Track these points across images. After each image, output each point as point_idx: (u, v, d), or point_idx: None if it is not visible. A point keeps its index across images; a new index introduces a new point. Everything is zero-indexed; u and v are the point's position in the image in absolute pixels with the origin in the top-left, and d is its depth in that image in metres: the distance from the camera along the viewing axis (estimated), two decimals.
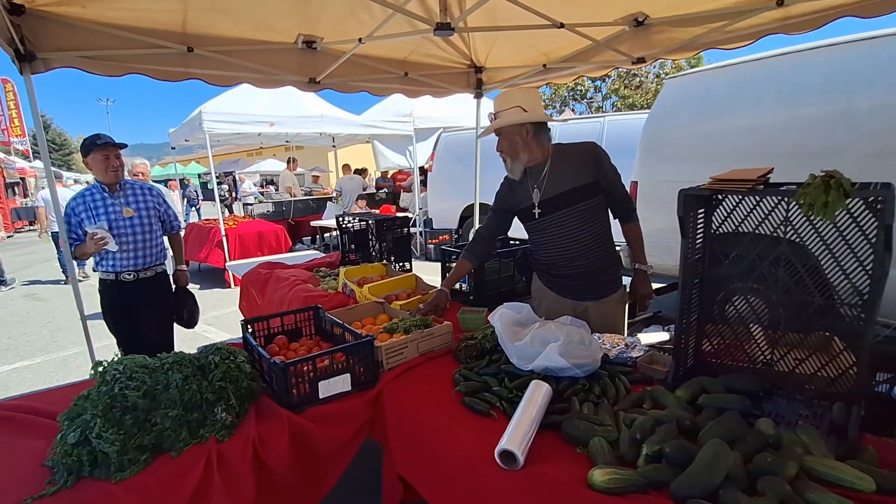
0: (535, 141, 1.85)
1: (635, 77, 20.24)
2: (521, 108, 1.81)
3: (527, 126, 1.83)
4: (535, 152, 1.86)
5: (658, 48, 2.86)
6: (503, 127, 1.85)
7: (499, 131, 1.88)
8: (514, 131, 1.84)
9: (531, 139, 1.84)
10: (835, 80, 2.93)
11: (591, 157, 1.84)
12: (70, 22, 2.31)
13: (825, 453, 1.02)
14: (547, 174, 1.86)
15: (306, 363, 1.44)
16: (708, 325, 1.42)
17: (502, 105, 1.86)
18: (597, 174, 1.83)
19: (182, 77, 2.71)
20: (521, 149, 1.85)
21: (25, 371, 4.04)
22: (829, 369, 1.19)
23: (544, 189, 1.86)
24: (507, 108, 1.84)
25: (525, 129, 1.83)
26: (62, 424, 1.22)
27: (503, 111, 1.85)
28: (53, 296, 6.61)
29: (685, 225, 1.27)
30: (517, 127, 1.83)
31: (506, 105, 1.84)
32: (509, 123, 1.83)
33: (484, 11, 2.59)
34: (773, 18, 2.39)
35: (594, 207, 1.87)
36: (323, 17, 2.73)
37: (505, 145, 1.88)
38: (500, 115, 1.85)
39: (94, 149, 2.39)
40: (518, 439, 1.09)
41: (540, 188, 1.87)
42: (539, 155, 1.87)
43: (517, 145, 1.85)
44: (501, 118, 1.85)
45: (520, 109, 1.81)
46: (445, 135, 7.66)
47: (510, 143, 1.86)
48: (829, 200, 0.98)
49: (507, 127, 1.84)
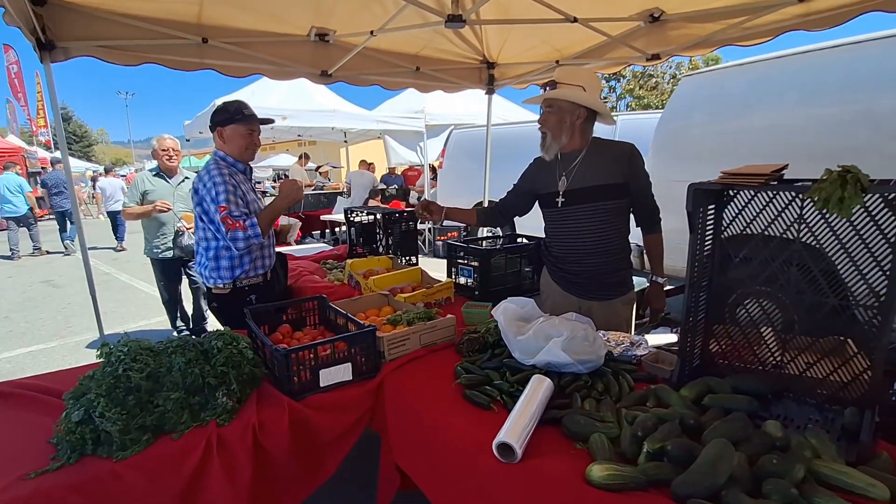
0: (582, 128, 1.80)
1: (651, 77, 19.96)
2: (583, 88, 1.75)
3: (581, 109, 1.76)
4: (576, 139, 1.81)
5: (673, 45, 2.81)
6: (560, 100, 1.76)
7: (551, 103, 1.80)
8: (568, 109, 1.76)
9: (579, 124, 1.79)
10: (857, 78, 2.84)
11: (627, 157, 1.78)
12: (89, 12, 2.36)
13: (835, 458, 0.98)
14: (578, 164, 1.81)
15: (308, 351, 1.44)
16: (716, 326, 1.38)
17: (567, 77, 1.77)
18: (628, 176, 1.78)
19: (196, 67, 2.75)
20: (567, 130, 1.79)
21: (40, 354, 4.14)
22: (841, 373, 1.16)
23: (572, 179, 1.82)
24: (569, 84, 1.75)
25: (578, 112, 1.76)
26: (67, 403, 1.24)
27: (565, 84, 1.75)
28: (69, 282, 6.76)
29: (694, 220, 1.24)
30: (573, 105, 1.76)
31: (570, 80, 1.76)
32: (569, 98, 1.75)
33: (496, 5, 2.57)
34: (793, 14, 2.33)
35: (618, 209, 1.82)
36: (336, 10, 2.74)
37: (552, 121, 1.80)
38: (561, 87, 1.76)
39: (240, 119, 1.98)
40: (517, 432, 1.08)
41: (568, 177, 1.82)
42: (578, 143, 1.82)
43: (564, 124, 1.78)
44: (561, 90, 1.75)
45: (581, 90, 1.74)
46: (457, 131, 7.65)
47: (559, 119, 1.78)
48: (846, 196, 0.94)
49: (563, 102, 1.76)
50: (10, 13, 1.89)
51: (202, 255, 2.06)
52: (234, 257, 2.03)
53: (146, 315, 5.15)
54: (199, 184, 1.96)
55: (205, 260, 2.05)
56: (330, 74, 3.18)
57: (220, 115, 2.01)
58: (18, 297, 6.11)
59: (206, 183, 1.92)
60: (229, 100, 2.08)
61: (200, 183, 1.96)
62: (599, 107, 1.79)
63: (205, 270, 2.06)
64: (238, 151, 2.03)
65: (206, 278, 2.07)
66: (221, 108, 2.02)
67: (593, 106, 1.77)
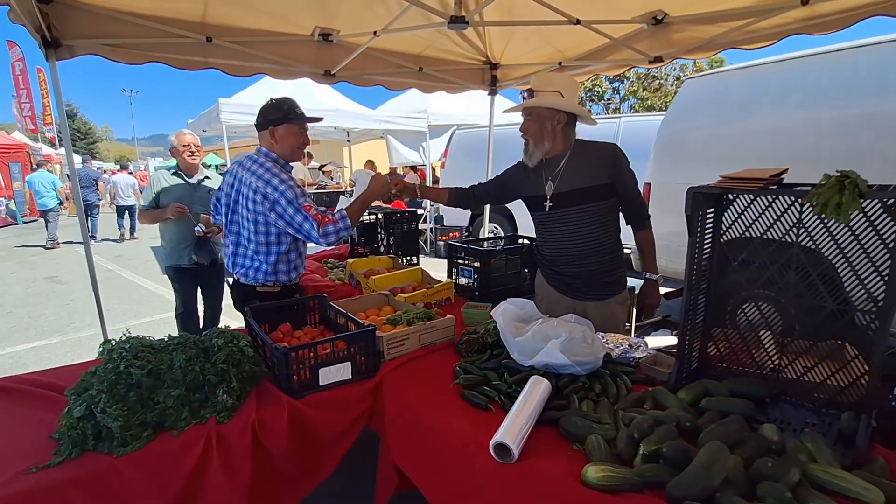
0: (563, 132, 1.81)
1: (654, 80, 19.92)
2: (560, 93, 1.76)
3: (561, 114, 1.78)
4: (558, 143, 1.83)
5: (676, 47, 2.80)
6: (538, 108, 1.79)
7: (530, 111, 1.82)
8: (548, 116, 1.78)
9: (560, 129, 1.80)
10: (860, 83, 2.83)
11: (610, 158, 1.80)
12: (94, 10, 2.38)
13: (831, 462, 0.98)
14: (563, 168, 1.83)
15: (308, 349, 1.45)
16: (714, 329, 1.39)
17: (543, 85, 1.79)
18: (613, 176, 1.79)
19: (200, 66, 2.76)
20: (548, 136, 1.80)
21: (43, 350, 4.17)
22: (839, 377, 1.16)
23: (558, 183, 1.83)
24: (546, 90, 1.77)
25: (558, 117, 1.78)
26: (69, 399, 1.25)
27: (542, 92, 1.78)
28: (73, 278, 6.80)
29: (693, 224, 1.25)
30: (551, 112, 1.77)
31: (546, 86, 1.78)
32: (547, 105, 1.76)
33: (499, 6, 2.57)
34: (796, 18, 2.32)
35: (606, 209, 1.83)
36: (340, 11, 2.75)
37: (533, 128, 1.82)
38: (538, 94, 1.78)
39: (293, 119, 1.91)
40: (514, 433, 1.09)
41: (554, 181, 1.84)
42: (561, 147, 1.84)
43: (545, 130, 1.80)
44: (539, 98, 1.78)
45: (559, 95, 1.76)
46: (459, 132, 7.66)
47: (539, 126, 1.80)
48: (843, 201, 0.95)
49: (541, 109, 1.78)
50: (16, 11, 1.90)
51: (252, 258, 1.96)
52: (291, 261, 2.01)
53: (149, 312, 5.18)
54: (267, 186, 1.82)
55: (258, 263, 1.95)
56: (333, 74, 3.19)
57: (273, 112, 1.91)
58: (22, 293, 6.14)
59: (273, 183, 1.81)
60: (278, 97, 1.96)
61: (263, 183, 1.82)
62: (578, 110, 1.81)
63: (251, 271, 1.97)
64: (290, 151, 1.95)
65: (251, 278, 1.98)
66: (274, 106, 1.92)
67: (572, 110, 1.79)
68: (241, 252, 2.02)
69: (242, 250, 2.01)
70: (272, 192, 1.83)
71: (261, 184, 1.85)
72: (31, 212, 13.34)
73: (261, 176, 1.86)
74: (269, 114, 1.92)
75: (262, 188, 1.84)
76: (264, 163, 1.90)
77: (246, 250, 1.99)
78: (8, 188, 13.81)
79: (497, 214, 6.44)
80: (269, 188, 1.83)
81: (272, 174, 1.85)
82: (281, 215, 1.83)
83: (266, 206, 1.85)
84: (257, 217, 1.89)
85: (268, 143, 1.95)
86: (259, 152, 1.96)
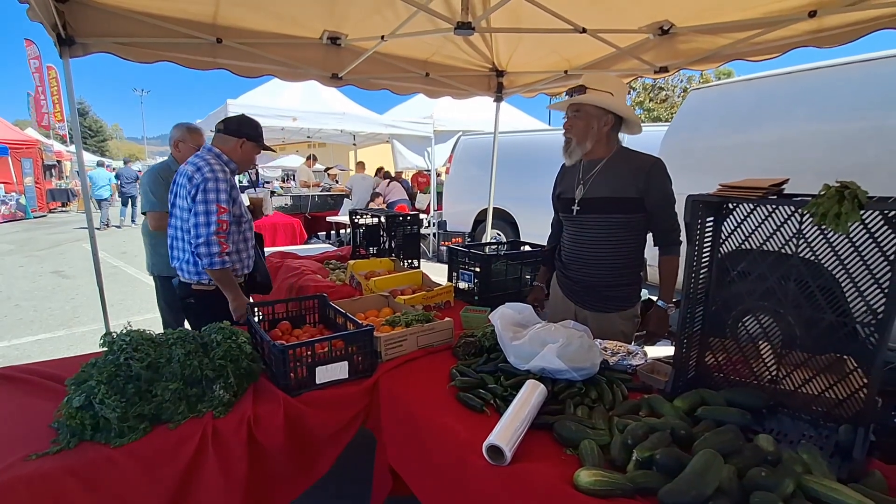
0: (608, 135, 1.76)
1: (661, 91, 19.93)
2: (611, 94, 1.71)
3: (609, 116, 1.73)
4: (600, 146, 1.77)
5: (682, 58, 2.81)
6: (586, 106, 1.73)
7: (578, 108, 1.75)
8: (596, 115, 1.73)
9: (606, 131, 1.75)
10: (866, 96, 2.83)
11: (645, 172, 1.71)
12: (108, 9, 2.43)
13: (826, 474, 0.97)
14: (597, 173, 1.78)
15: (305, 347, 1.46)
16: (712, 339, 1.38)
17: (596, 84, 1.73)
18: (643, 191, 1.71)
19: (210, 66, 2.81)
20: (592, 136, 1.75)
21: (47, 343, 4.21)
22: (837, 390, 1.15)
23: (588, 188, 1.79)
24: (599, 89, 1.72)
25: (606, 119, 1.73)
26: (69, 388, 1.27)
27: (594, 90, 1.72)
28: (79, 273, 6.87)
29: (692, 231, 1.25)
30: (600, 112, 1.72)
31: (600, 85, 1.72)
32: (598, 103, 1.71)
33: (506, 13, 2.60)
34: (804, 31, 2.33)
35: (629, 223, 1.75)
36: (349, 15, 2.78)
37: (579, 126, 1.76)
38: (590, 92, 1.73)
39: (259, 143, 2.10)
40: (507, 436, 1.08)
41: (585, 185, 1.80)
42: (602, 151, 1.78)
43: (591, 130, 1.74)
44: (590, 95, 1.72)
45: (610, 95, 1.71)
46: (464, 138, 7.69)
47: (586, 124, 1.74)
48: (843, 211, 0.95)
49: (591, 107, 1.73)
50: (34, 9, 1.95)
51: (183, 248, 1.98)
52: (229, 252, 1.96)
53: (152, 309, 5.20)
54: (198, 174, 1.87)
55: (186, 255, 1.97)
56: (340, 77, 3.23)
57: (251, 130, 2.08)
58: (29, 286, 6.21)
59: (207, 175, 1.87)
60: (249, 117, 2.13)
61: (199, 173, 1.87)
62: (628, 113, 1.74)
63: (186, 265, 1.99)
64: (242, 163, 2.09)
65: (187, 273, 1.99)
66: (251, 123, 2.09)
67: (622, 112, 1.73)
68: (177, 245, 2.03)
69: (178, 244, 2.02)
70: (199, 179, 1.87)
71: (195, 171, 1.89)
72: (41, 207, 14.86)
73: (200, 166, 1.90)
74: (246, 128, 2.07)
75: (194, 173, 1.89)
76: (208, 156, 1.97)
77: (184, 244, 1.99)
78: (20, 183, 14.05)
79: (500, 221, 6.44)
80: (200, 175, 1.87)
81: (213, 169, 1.90)
82: (205, 201, 1.85)
83: (185, 189, 1.89)
84: (184, 204, 1.93)
85: (228, 148, 2.04)
86: (210, 151, 2.02)
